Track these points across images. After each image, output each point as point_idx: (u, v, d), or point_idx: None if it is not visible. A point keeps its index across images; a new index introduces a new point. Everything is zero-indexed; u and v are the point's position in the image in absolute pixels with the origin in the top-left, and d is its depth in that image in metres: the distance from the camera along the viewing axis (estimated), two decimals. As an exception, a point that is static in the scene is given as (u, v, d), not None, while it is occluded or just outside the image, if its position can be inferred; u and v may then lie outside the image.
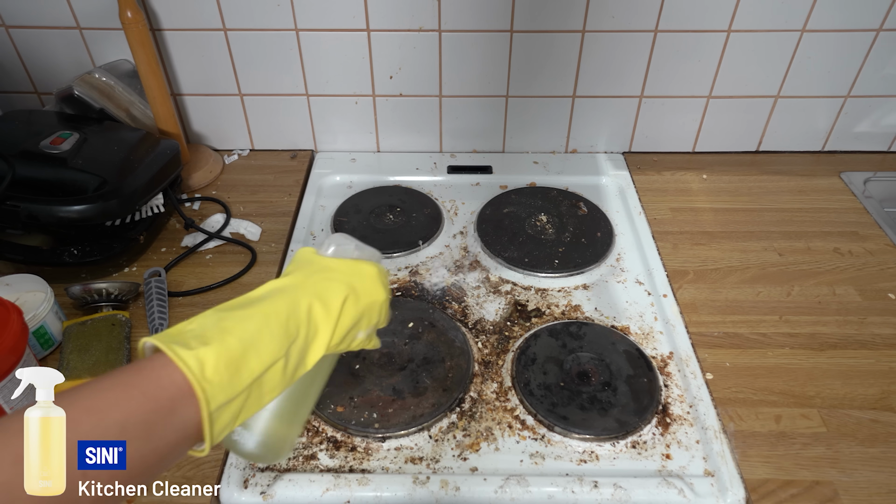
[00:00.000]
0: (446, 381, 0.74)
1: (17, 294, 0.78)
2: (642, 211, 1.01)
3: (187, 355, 0.39)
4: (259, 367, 0.42)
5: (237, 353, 0.41)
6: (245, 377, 0.41)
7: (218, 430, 0.40)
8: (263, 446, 0.48)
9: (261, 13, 0.99)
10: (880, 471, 0.65)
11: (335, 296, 0.48)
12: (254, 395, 0.42)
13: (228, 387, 0.40)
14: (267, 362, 0.42)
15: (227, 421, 0.41)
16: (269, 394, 0.43)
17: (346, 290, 0.49)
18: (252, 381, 0.41)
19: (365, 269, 0.52)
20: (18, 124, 0.97)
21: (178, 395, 0.38)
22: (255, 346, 0.42)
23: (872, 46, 1.01)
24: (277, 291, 0.47)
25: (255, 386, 0.42)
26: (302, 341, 0.45)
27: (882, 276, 0.89)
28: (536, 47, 1.02)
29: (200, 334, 0.42)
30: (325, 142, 1.16)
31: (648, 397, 0.72)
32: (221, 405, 0.39)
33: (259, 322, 0.44)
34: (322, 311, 0.47)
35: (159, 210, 0.94)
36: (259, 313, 0.44)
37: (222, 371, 0.40)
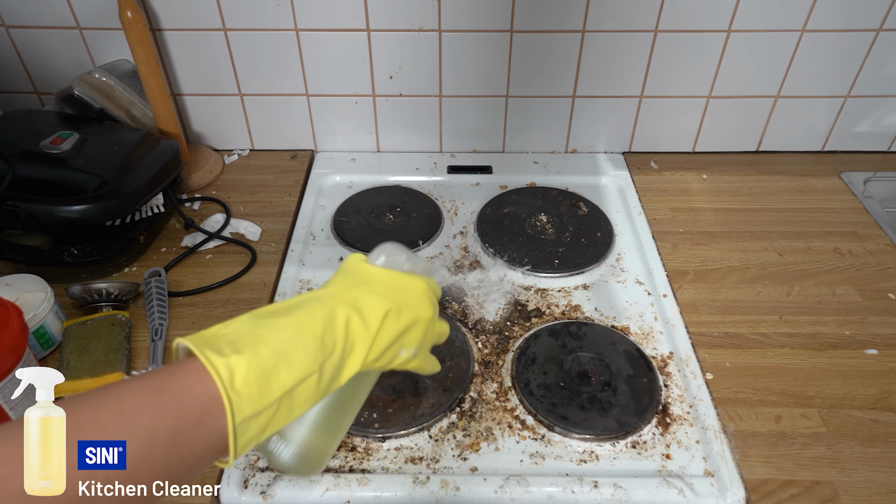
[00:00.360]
0: (446, 381, 0.74)
1: (17, 294, 0.78)
2: (642, 211, 1.01)
3: (219, 362, 0.38)
4: (290, 380, 0.40)
5: (269, 364, 0.40)
6: (275, 390, 0.39)
7: (243, 442, 0.39)
8: (299, 458, 0.47)
9: (261, 13, 0.99)
10: (880, 471, 0.65)
11: (375, 310, 0.46)
12: (283, 408, 0.41)
13: (257, 399, 0.39)
14: (299, 376, 0.41)
15: (254, 434, 0.39)
16: (300, 408, 0.42)
17: (388, 304, 0.47)
18: (282, 394, 0.40)
19: (412, 283, 0.49)
20: (18, 124, 0.97)
21: (208, 404, 0.37)
22: (288, 358, 0.41)
23: (872, 46, 1.01)
24: (317, 300, 0.45)
25: (284, 400, 0.40)
26: (338, 356, 0.44)
27: (882, 276, 0.89)
28: (536, 47, 1.02)
29: (234, 340, 0.40)
30: (325, 142, 1.16)
31: (648, 397, 0.72)
32: (248, 417, 0.38)
33: (294, 333, 0.42)
34: (360, 324, 0.45)
35: (159, 210, 0.94)
36: (295, 323, 0.43)
37: (252, 383, 0.38)
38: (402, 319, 0.47)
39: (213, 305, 0.85)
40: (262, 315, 0.44)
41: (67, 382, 0.71)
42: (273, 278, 0.89)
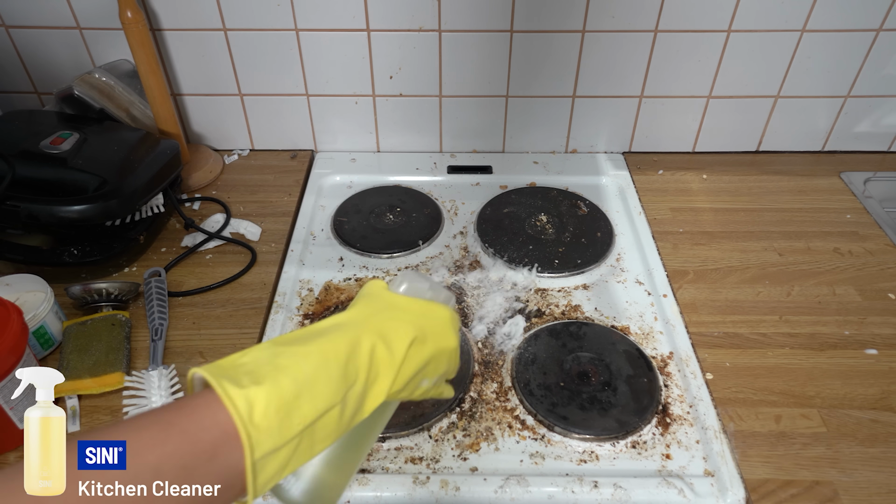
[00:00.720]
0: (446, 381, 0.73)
1: (17, 294, 0.78)
2: (642, 211, 1.01)
3: (236, 394, 0.35)
4: (312, 413, 0.38)
5: (290, 395, 0.37)
6: (296, 424, 0.37)
7: (263, 481, 0.36)
8: (311, 494, 0.44)
9: (261, 13, 0.99)
10: (880, 471, 0.65)
11: (401, 337, 0.44)
12: (304, 443, 0.38)
13: (277, 434, 0.36)
14: (321, 408, 0.38)
15: (274, 471, 0.37)
16: (322, 442, 0.40)
17: (414, 331, 0.45)
18: (304, 428, 0.38)
19: (437, 311, 0.48)
20: (18, 124, 0.97)
21: (221, 439, 0.35)
22: (311, 388, 0.38)
23: (872, 46, 1.01)
24: (340, 328, 0.43)
25: (306, 434, 0.38)
26: (361, 386, 0.41)
27: (882, 276, 0.89)
28: (536, 47, 1.02)
29: (253, 370, 0.38)
30: (325, 142, 1.16)
31: (648, 397, 0.72)
32: (267, 453, 0.36)
33: (316, 362, 0.40)
34: (385, 353, 0.43)
35: (159, 210, 0.94)
36: (317, 351, 0.41)
37: (272, 416, 0.36)
38: (427, 348, 0.46)
39: (213, 305, 0.85)
40: (282, 343, 0.41)
41: (67, 382, 0.71)
42: (273, 278, 0.89)
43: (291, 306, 0.85)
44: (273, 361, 0.39)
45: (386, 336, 0.44)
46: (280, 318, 0.83)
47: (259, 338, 0.81)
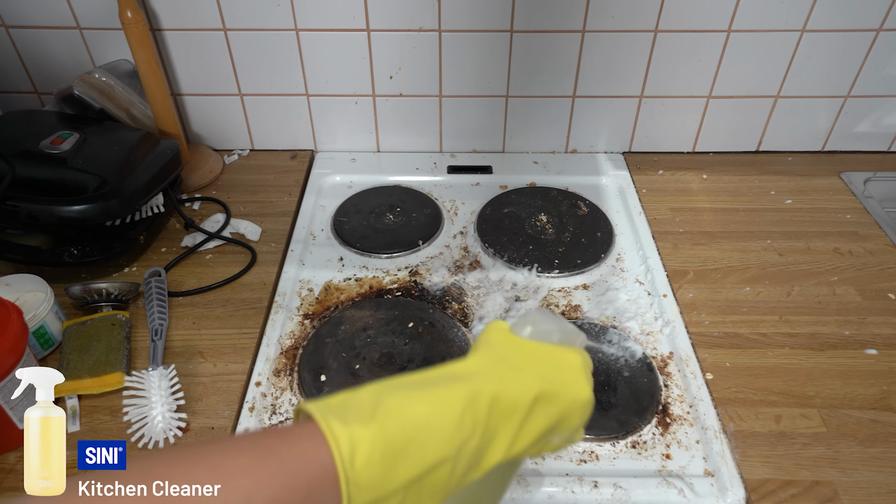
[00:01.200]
0: (446, 381, 0.74)
1: (17, 294, 0.78)
2: (642, 211, 1.01)
3: (341, 432, 0.33)
4: (421, 465, 0.34)
5: (398, 442, 0.34)
6: (401, 476, 0.34)
7: None
8: None
9: (261, 13, 0.99)
10: (880, 471, 0.65)
11: (524, 391, 0.39)
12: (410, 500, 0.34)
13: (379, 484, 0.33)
14: (431, 462, 0.35)
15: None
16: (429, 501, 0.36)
17: (539, 384, 0.40)
18: (409, 481, 0.34)
19: (566, 358, 0.43)
20: (18, 124, 0.97)
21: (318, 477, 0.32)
22: (422, 437, 0.35)
23: (872, 46, 1.01)
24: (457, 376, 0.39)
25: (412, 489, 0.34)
26: (477, 440, 0.37)
27: (882, 276, 0.89)
28: (536, 47, 1.02)
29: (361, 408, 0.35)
30: (325, 142, 1.16)
31: (648, 397, 0.72)
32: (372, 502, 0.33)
33: (429, 408, 0.36)
34: (506, 407, 0.39)
35: (159, 210, 0.94)
36: (432, 398, 0.37)
37: (375, 463, 0.33)
38: (557, 405, 0.41)
39: (213, 305, 0.85)
40: (395, 386, 0.38)
41: (67, 382, 0.71)
42: (273, 278, 0.89)
43: (291, 306, 0.85)
44: (383, 402, 0.36)
45: (508, 388, 0.39)
46: (280, 319, 0.83)
47: (259, 338, 0.81)
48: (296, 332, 0.82)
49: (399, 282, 0.89)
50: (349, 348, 0.78)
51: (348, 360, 0.76)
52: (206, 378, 0.75)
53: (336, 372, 0.75)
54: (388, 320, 0.81)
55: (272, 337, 0.80)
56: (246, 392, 0.74)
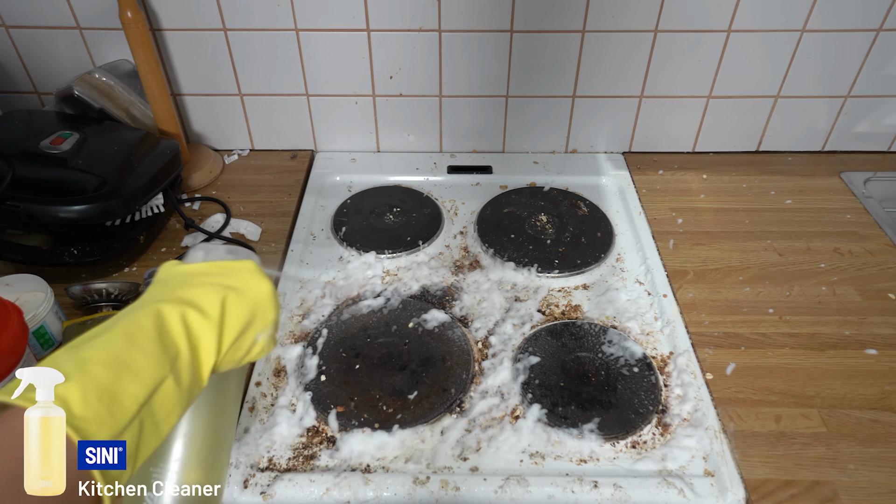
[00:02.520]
0: (446, 382, 0.74)
1: (17, 294, 0.78)
2: (642, 211, 1.01)
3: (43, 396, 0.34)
4: (142, 390, 0.36)
5: (108, 379, 0.35)
6: (128, 405, 0.35)
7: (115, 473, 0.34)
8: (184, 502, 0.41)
9: (261, 13, 0.99)
10: (880, 471, 0.65)
11: (210, 299, 0.42)
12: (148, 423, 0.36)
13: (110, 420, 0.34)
14: (150, 384, 0.37)
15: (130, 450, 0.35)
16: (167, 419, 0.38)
17: (222, 290, 0.43)
18: (139, 407, 0.35)
19: (239, 265, 0.46)
20: (18, 124, 0.97)
21: None
22: (129, 367, 0.36)
23: (872, 46, 1.01)
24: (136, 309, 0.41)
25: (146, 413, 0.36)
26: (186, 354, 0.40)
27: (882, 276, 0.89)
28: (536, 47, 1.02)
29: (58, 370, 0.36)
30: (325, 142, 1.16)
31: (648, 397, 0.72)
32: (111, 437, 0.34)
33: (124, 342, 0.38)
34: (198, 317, 0.41)
35: (159, 210, 0.94)
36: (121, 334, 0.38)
37: (94, 403, 0.34)
38: (245, 302, 0.44)
39: (213, 305, 0.85)
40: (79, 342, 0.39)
41: (67, 382, 0.71)
42: (273, 278, 0.89)
43: (291, 306, 0.85)
44: (74, 357, 0.37)
45: (193, 302, 0.42)
46: (280, 319, 0.83)
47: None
48: (296, 332, 0.82)
49: (399, 282, 0.89)
50: (349, 348, 0.78)
51: (348, 359, 0.76)
52: (206, 378, 0.75)
53: (336, 372, 0.75)
54: (388, 320, 0.81)
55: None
56: (246, 392, 0.74)
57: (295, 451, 0.68)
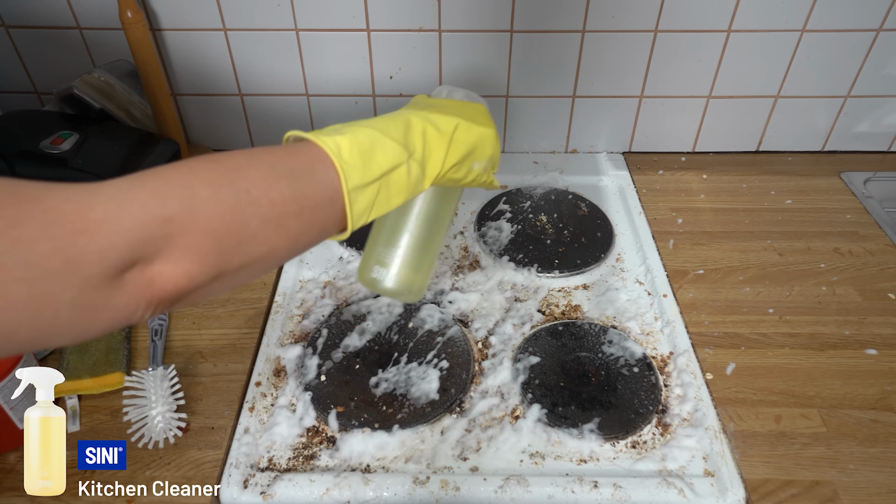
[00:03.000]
0: (446, 381, 0.74)
1: (17, 294, 0.78)
2: (642, 211, 1.01)
3: (326, 138, 0.44)
4: (385, 162, 0.46)
5: (367, 145, 0.45)
6: (374, 168, 0.45)
7: (357, 212, 0.45)
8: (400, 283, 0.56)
9: (261, 13, 0.99)
10: (880, 471, 0.65)
11: (447, 122, 0.52)
12: (383, 191, 0.46)
13: (362, 171, 0.44)
14: (392, 161, 0.46)
15: (363, 207, 0.45)
16: (397, 196, 0.48)
17: (457, 119, 0.53)
18: (381, 174, 0.45)
19: (474, 106, 0.57)
20: (18, 124, 0.97)
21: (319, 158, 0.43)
22: (382, 145, 0.46)
23: (872, 46, 1.01)
24: (392, 117, 0.51)
25: (383, 182, 0.46)
26: (420, 155, 0.49)
27: (882, 276, 0.89)
28: (536, 47, 1.02)
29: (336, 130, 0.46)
30: (325, 142, 1.15)
31: (648, 397, 0.72)
32: (357, 186, 0.44)
33: (380, 132, 0.47)
34: (435, 132, 0.51)
35: (159, 210, 0.94)
36: (380, 125, 0.48)
37: (356, 155, 0.44)
38: (473, 132, 0.53)
39: (212, 305, 0.85)
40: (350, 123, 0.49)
41: (67, 382, 0.71)
42: (273, 278, 0.89)
43: (291, 306, 0.85)
44: (347, 126, 0.47)
45: (433, 121, 0.51)
46: (280, 319, 0.83)
47: (259, 337, 0.81)
48: (296, 332, 0.82)
49: (399, 282, 0.89)
50: (349, 348, 0.78)
51: (348, 359, 0.76)
52: (205, 378, 0.75)
53: (336, 372, 0.75)
54: (388, 321, 0.81)
55: (272, 337, 0.80)
56: (246, 392, 0.74)
57: (295, 451, 0.68)
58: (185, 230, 0.35)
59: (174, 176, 0.36)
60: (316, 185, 0.43)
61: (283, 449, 0.68)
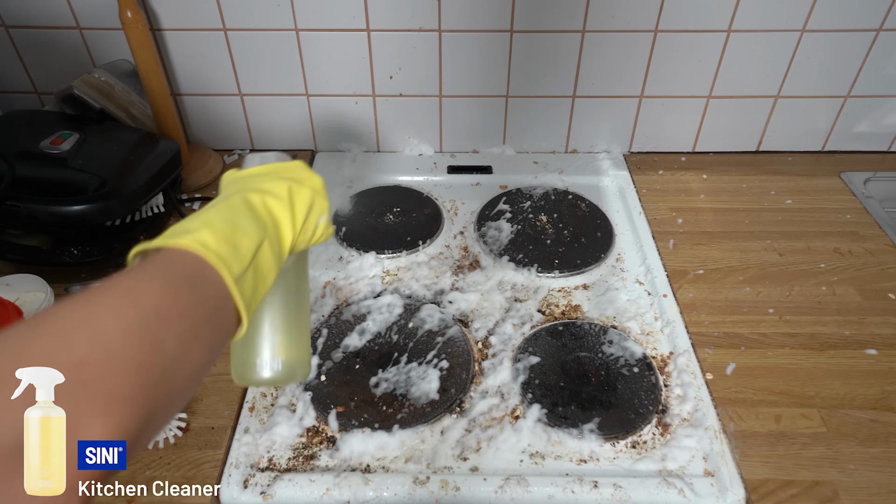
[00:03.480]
0: (446, 381, 0.74)
1: (17, 294, 0.78)
2: (642, 211, 1.01)
3: (186, 239, 0.39)
4: (251, 243, 0.42)
5: (228, 232, 0.41)
6: (245, 252, 0.41)
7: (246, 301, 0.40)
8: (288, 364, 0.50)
9: (261, 13, 0.99)
10: (880, 471, 0.65)
11: (279, 188, 0.49)
12: (258, 273, 0.43)
13: (236, 259, 0.40)
14: (255, 240, 0.43)
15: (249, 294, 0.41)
16: (268, 274, 0.44)
17: (286, 182, 0.50)
18: (252, 256, 0.42)
19: (290, 164, 0.54)
20: (18, 124, 0.97)
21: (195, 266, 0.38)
22: (240, 227, 0.43)
23: (872, 46, 1.01)
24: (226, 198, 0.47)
25: (255, 264, 0.42)
26: (272, 229, 0.47)
27: (882, 276, 0.89)
28: (536, 47, 1.02)
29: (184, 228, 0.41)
30: (324, 142, 1.16)
31: (648, 397, 0.72)
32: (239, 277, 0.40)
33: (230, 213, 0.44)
34: (275, 201, 0.48)
35: (159, 210, 0.94)
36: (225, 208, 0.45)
37: (224, 245, 0.40)
38: (305, 190, 0.51)
39: (213, 305, 0.85)
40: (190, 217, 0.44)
41: (67, 382, 0.71)
42: (273, 278, 0.89)
43: (291, 306, 0.85)
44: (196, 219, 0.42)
45: (267, 190, 0.49)
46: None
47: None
48: (296, 332, 0.82)
49: (399, 282, 0.89)
50: (349, 348, 0.78)
51: (348, 359, 0.76)
52: (206, 378, 0.75)
53: (336, 372, 0.75)
54: (388, 321, 0.81)
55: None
56: (246, 392, 0.74)
57: (295, 451, 0.68)
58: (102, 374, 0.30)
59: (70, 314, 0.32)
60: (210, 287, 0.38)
61: (283, 449, 0.68)
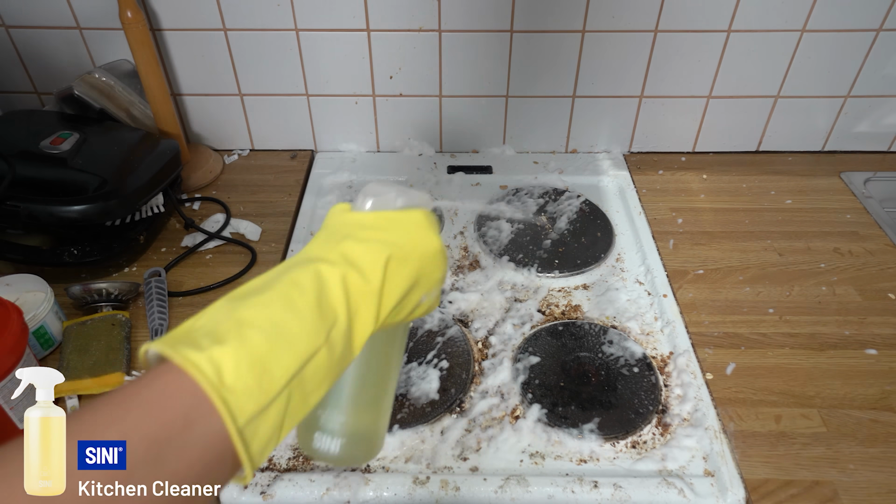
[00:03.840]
0: (446, 381, 0.74)
1: (17, 294, 0.78)
2: (642, 211, 1.01)
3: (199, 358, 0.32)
4: (295, 362, 0.34)
5: (263, 349, 0.33)
6: (279, 377, 0.33)
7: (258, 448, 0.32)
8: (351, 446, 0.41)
9: (261, 13, 0.99)
10: (880, 471, 0.65)
11: (373, 259, 0.39)
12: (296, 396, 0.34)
13: (258, 392, 0.32)
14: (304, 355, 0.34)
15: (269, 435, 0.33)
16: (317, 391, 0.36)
17: (387, 249, 0.40)
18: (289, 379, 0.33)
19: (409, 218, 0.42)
20: (18, 124, 0.97)
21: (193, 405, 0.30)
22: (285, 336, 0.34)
23: (872, 46, 1.01)
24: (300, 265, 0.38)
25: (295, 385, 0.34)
26: (344, 322, 0.37)
27: (882, 276, 0.89)
28: (536, 47, 1.02)
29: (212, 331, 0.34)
30: (325, 142, 1.16)
31: (648, 397, 0.72)
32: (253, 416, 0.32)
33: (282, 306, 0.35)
34: (359, 281, 0.38)
35: (159, 210, 0.94)
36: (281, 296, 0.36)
37: (245, 374, 0.32)
38: (410, 264, 0.41)
39: (213, 305, 0.85)
40: (239, 297, 0.37)
41: (67, 382, 0.71)
42: (273, 278, 0.89)
43: (291, 306, 0.85)
44: (233, 316, 0.35)
45: (356, 262, 0.39)
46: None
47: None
48: (296, 332, 0.82)
49: (399, 282, 0.89)
50: (349, 348, 0.78)
51: (348, 360, 0.76)
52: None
53: (336, 372, 0.75)
54: (388, 320, 0.81)
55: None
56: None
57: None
58: None
59: None
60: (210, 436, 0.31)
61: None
